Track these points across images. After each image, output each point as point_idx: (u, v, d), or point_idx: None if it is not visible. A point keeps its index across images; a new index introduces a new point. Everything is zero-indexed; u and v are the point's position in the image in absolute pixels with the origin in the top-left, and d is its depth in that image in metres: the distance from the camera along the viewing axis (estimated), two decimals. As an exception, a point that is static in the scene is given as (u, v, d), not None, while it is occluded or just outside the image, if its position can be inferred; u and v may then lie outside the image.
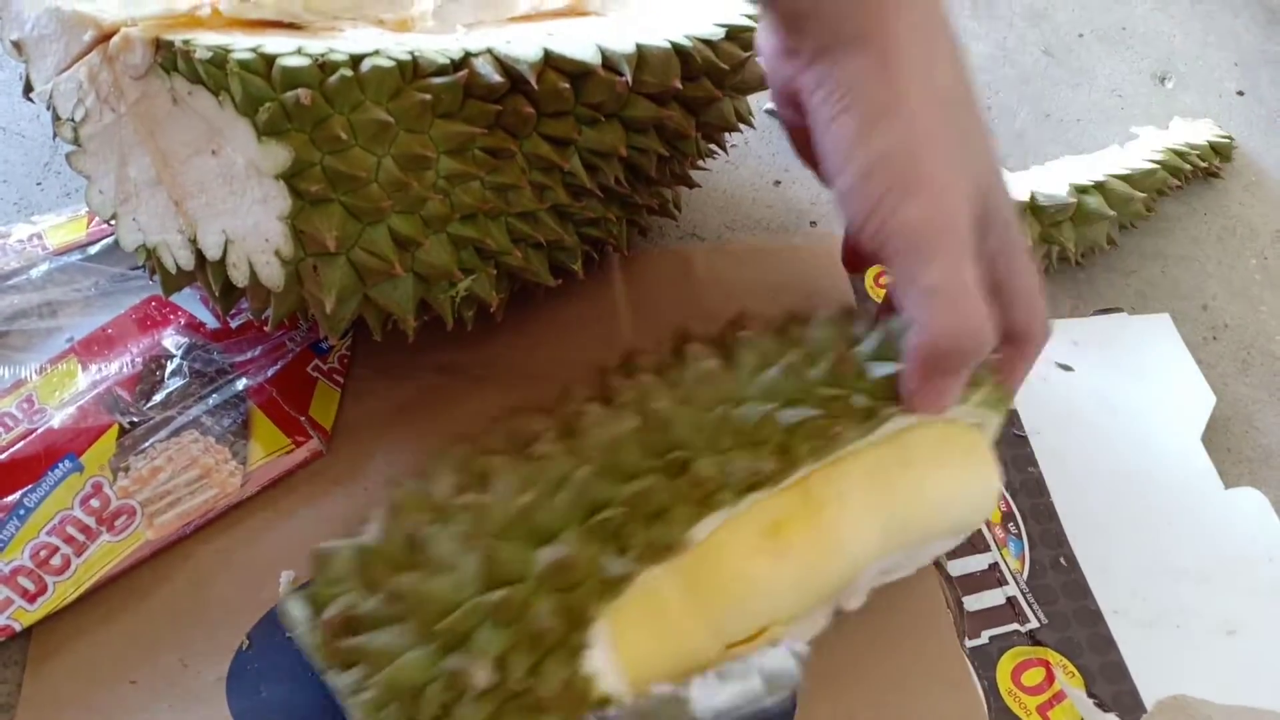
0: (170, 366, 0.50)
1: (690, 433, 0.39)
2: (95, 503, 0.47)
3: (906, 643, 0.49)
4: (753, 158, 0.70)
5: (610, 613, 0.37)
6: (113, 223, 0.46)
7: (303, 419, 0.51)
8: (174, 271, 0.46)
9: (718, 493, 0.38)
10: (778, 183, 0.69)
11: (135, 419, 0.47)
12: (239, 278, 0.44)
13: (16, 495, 0.45)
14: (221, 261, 0.44)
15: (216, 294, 0.46)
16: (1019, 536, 0.55)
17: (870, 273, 0.65)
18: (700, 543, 0.39)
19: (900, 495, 0.43)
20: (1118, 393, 0.61)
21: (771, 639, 0.42)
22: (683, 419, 0.39)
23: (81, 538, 0.46)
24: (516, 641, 0.36)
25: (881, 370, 0.42)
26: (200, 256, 0.45)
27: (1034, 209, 0.62)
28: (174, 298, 0.53)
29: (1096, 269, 0.69)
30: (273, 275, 0.43)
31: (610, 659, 0.37)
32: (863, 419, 0.41)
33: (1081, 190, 0.63)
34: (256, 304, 0.46)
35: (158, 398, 0.48)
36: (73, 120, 0.45)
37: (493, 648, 0.35)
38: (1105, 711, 0.48)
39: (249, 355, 0.51)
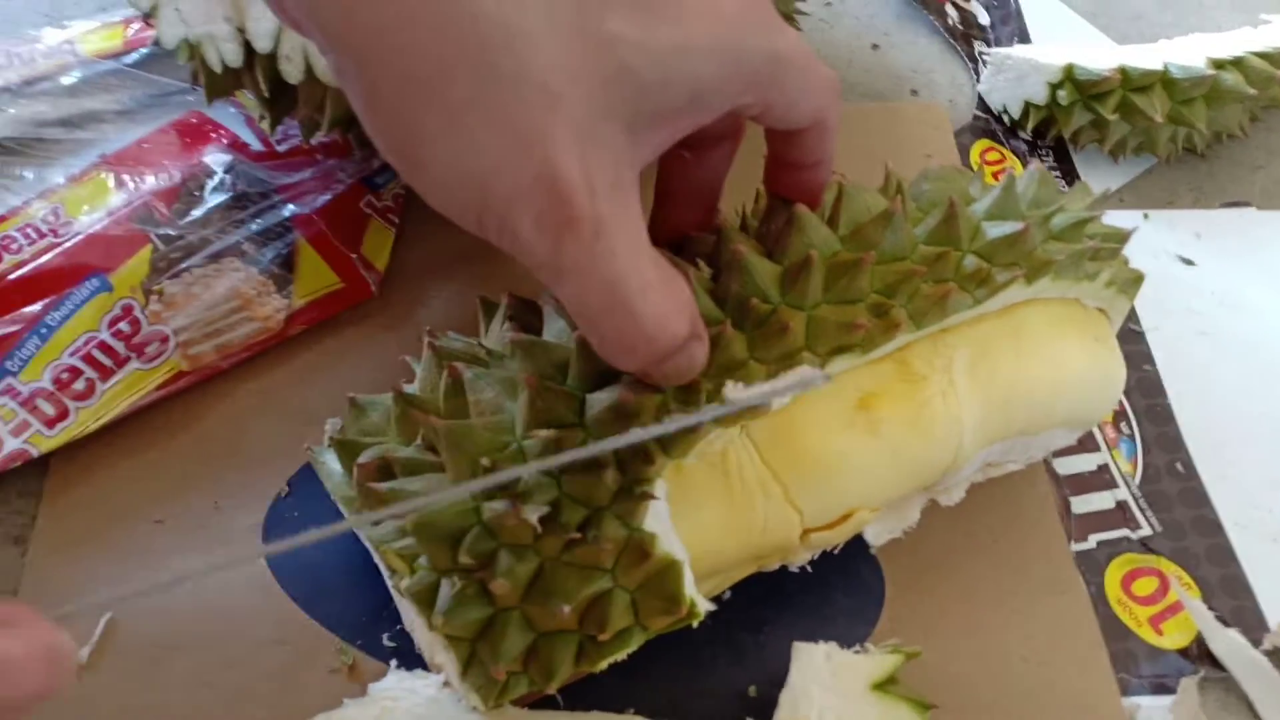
0: (211, 183, 0.45)
1: (771, 283, 0.33)
2: (124, 326, 0.42)
3: (1006, 540, 0.44)
4: (849, 17, 0.64)
5: (674, 472, 0.33)
6: (152, 19, 0.41)
7: (354, 257, 0.46)
8: (219, 70, 0.41)
9: (800, 351, 0.33)
10: (876, 46, 0.63)
11: (171, 233, 0.43)
12: (292, 73, 0.39)
13: (38, 307, 0.41)
14: (273, 54, 0.39)
15: (266, 95, 0.41)
16: (1131, 438, 0.50)
17: (977, 147, 0.59)
18: (782, 411, 0.34)
19: (1011, 376, 0.38)
20: (1243, 291, 0.55)
21: (857, 525, 0.37)
22: (763, 268, 0.34)
23: (108, 362, 0.41)
24: (567, 490, 0.31)
25: (999, 231, 0.36)
26: (249, 51, 0.40)
27: (1165, 82, 0.56)
28: (217, 116, 0.48)
29: (1221, 161, 0.62)
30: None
31: (673, 522, 0.32)
32: (974, 284, 0.35)
33: (1218, 65, 0.57)
34: (308, 109, 0.41)
35: (196, 213, 0.44)
36: (112, -112, 0.39)
37: (540, 495, 0.31)
38: (1226, 627, 0.43)
39: (296, 178, 0.46)
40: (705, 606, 0.33)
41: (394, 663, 0.36)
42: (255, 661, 0.38)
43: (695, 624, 0.33)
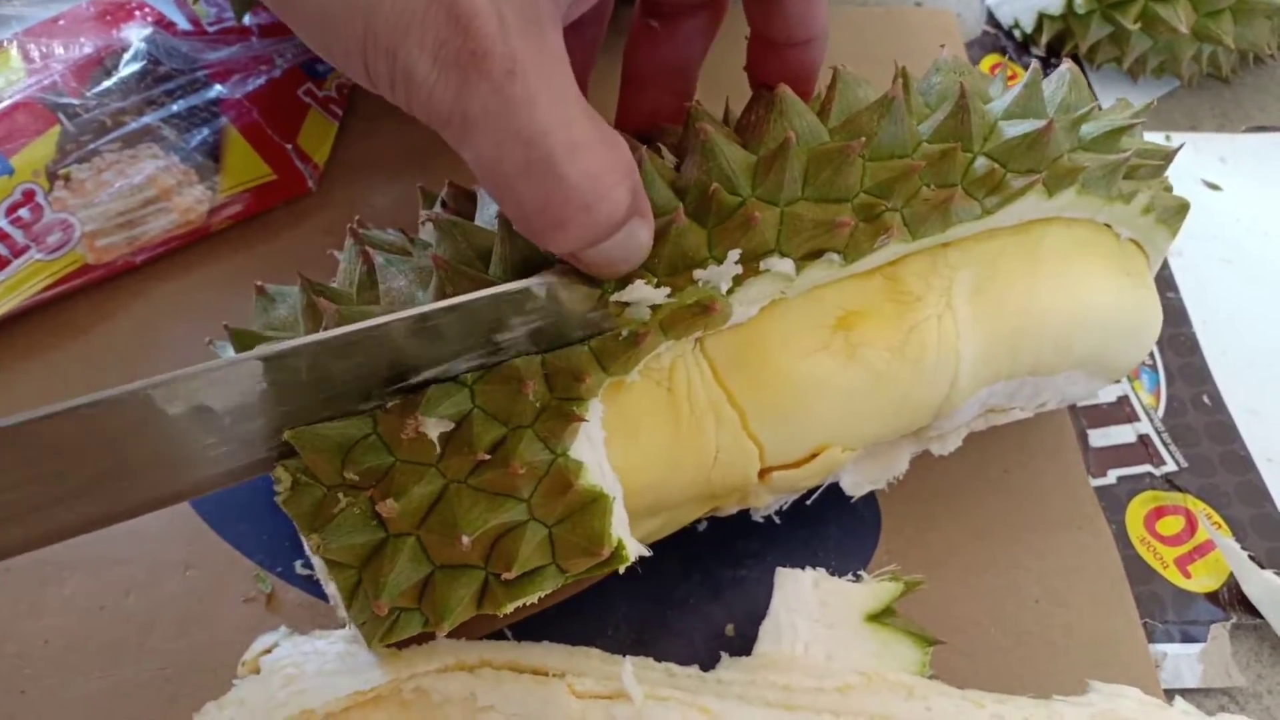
0: (127, 56, 0.39)
1: (741, 171, 0.28)
2: (25, 213, 0.37)
3: (1019, 473, 0.40)
4: (848, -74, 0.59)
5: (613, 392, 0.28)
6: None
7: (289, 147, 0.41)
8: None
9: (767, 254, 0.28)
10: (876, -43, 0.58)
11: (78, 107, 0.37)
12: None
13: (-79, 187, 0.36)
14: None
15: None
16: (1154, 368, 0.45)
17: (985, 62, 0.55)
18: (744, 325, 0.29)
19: (1022, 304, 0.32)
20: (1271, 217, 0.51)
21: (829, 466, 0.32)
22: (732, 153, 0.29)
23: (4, 251, 0.37)
24: (481, 404, 0.26)
25: (1018, 130, 0.31)
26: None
27: (1192, -10, 0.51)
28: (142, -6, 0.43)
29: (1245, 87, 0.58)
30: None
31: (607, 450, 0.28)
32: (984, 190, 0.30)
33: (1249, -26, 0.52)
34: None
35: (108, 83, 0.38)
36: None
37: (447, 404, 0.26)
38: (1261, 568, 0.39)
39: (225, 55, 0.41)
40: (637, 550, 0.28)
41: (284, 629, 0.31)
42: (159, 586, 0.34)
43: (622, 569, 0.28)
